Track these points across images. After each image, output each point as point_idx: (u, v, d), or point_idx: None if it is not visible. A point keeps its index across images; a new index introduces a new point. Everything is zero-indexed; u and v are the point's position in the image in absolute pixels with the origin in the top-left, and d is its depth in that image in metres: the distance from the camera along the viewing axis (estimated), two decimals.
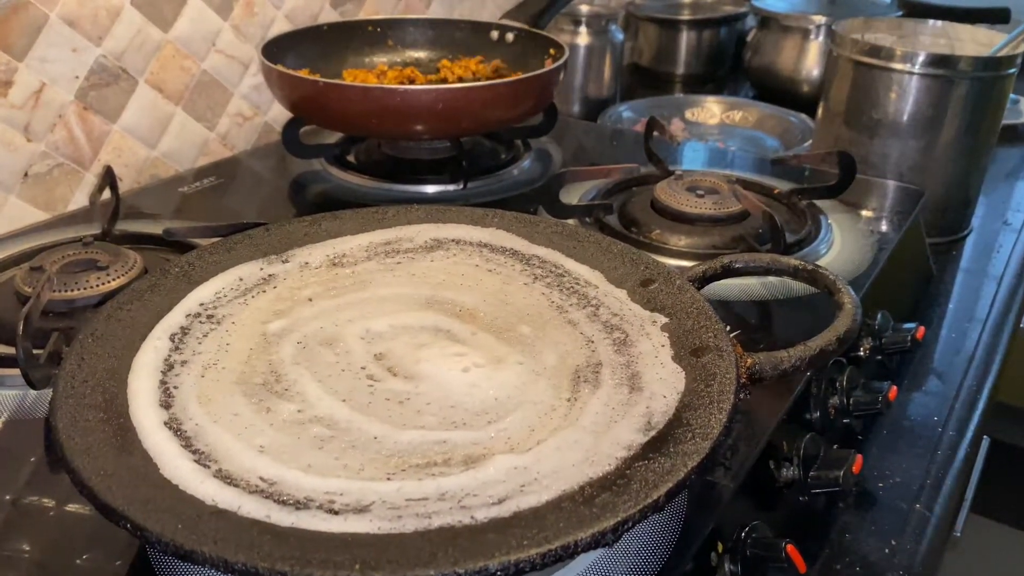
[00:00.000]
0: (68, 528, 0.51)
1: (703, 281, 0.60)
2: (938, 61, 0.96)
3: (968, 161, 1.01)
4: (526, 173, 1.02)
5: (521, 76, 0.94)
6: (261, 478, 0.44)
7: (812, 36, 1.45)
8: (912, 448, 0.72)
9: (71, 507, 0.52)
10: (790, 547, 0.52)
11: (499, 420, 0.49)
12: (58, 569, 0.48)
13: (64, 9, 0.88)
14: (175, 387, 0.51)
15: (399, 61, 1.12)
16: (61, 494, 0.53)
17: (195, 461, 0.45)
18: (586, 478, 0.44)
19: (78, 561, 0.48)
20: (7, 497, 0.53)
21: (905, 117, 0.99)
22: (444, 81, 1.06)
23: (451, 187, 0.96)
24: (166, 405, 0.49)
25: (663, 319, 0.57)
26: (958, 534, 0.85)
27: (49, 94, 0.89)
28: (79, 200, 0.94)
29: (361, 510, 0.42)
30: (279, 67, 0.91)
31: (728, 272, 0.61)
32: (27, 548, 0.49)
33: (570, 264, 0.64)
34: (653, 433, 0.46)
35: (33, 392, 0.60)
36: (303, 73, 0.97)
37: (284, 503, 0.42)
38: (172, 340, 0.55)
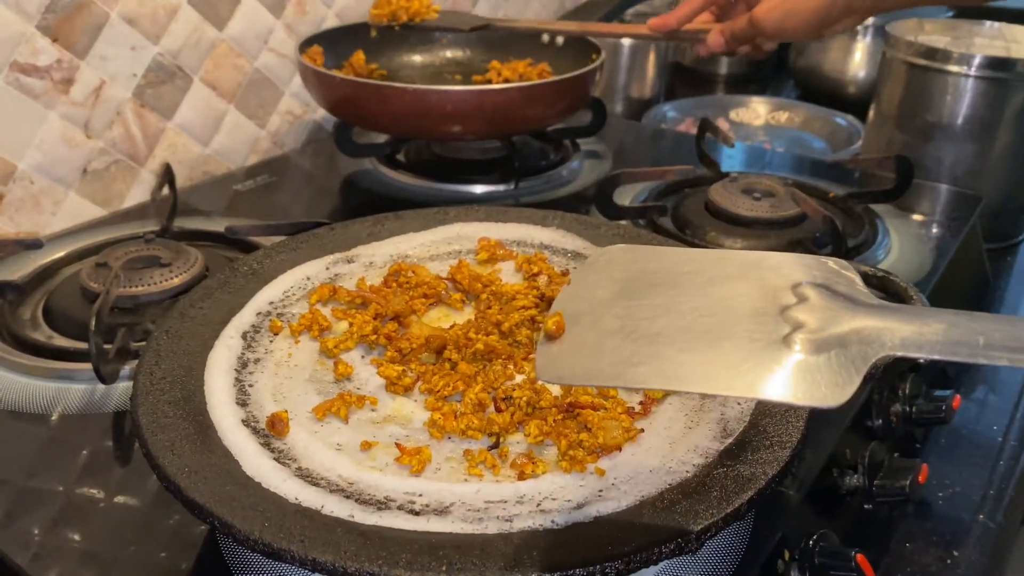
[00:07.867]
0: (117, 519, 0.51)
1: None
2: (996, 64, 0.94)
3: None
4: (575, 173, 1.01)
5: (555, 78, 0.94)
6: (341, 476, 0.45)
7: (859, 36, 1.43)
8: (971, 457, 0.71)
9: (119, 499, 0.52)
10: (860, 557, 0.52)
11: None
12: (107, 559, 0.49)
13: (124, 8, 0.89)
14: (250, 385, 0.52)
15: (447, 60, 1.12)
16: (113, 486, 0.53)
17: (275, 459, 0.45)
18: (665, 484, 0.44)
19: (126, 551, 0.49)
20: (60, 488, 0.53)
21: (960, 120, 0.98)
22: (489, 83, 1.06)
23: (501, 187, 0.96)
24: (242, 403, 0.50)
25: None
26: None
27: (108, 91, 0.90)
28: (134, 196, 0.95)
29: (442, 511, 0.42)
30: (317, 66, 0.91)
31: None
32: (77, 538, 0.50)
33: None
34: (730, 441, 0.46)
35: (102, 387, 0.60)
36: (346, 72, 0.97)
37: (366, 503, 0.43)
38: (244, 338, 0.55)
